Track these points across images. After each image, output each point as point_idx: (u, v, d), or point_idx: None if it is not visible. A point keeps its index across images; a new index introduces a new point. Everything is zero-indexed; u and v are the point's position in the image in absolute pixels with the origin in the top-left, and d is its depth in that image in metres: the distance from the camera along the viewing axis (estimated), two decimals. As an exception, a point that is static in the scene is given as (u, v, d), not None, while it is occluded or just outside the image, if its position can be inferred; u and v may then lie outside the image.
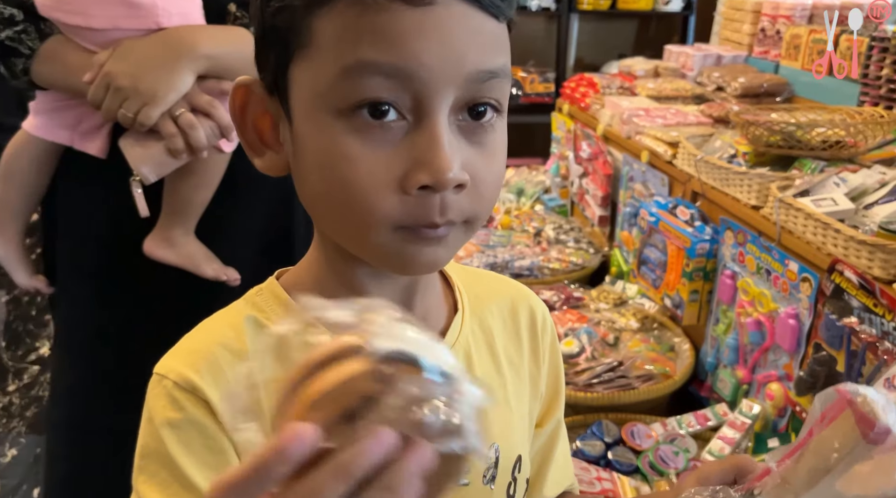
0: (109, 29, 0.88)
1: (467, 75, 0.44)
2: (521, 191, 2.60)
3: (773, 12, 2.18)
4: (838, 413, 0.48)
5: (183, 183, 0.95)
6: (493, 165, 0.47)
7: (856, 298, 1.16)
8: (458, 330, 0.56)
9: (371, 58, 0.42)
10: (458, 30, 0.43)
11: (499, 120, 0.47)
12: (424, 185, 0.43)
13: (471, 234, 0.49)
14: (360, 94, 0.43)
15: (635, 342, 1.69)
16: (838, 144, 1.47)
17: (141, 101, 0.85)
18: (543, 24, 3.60)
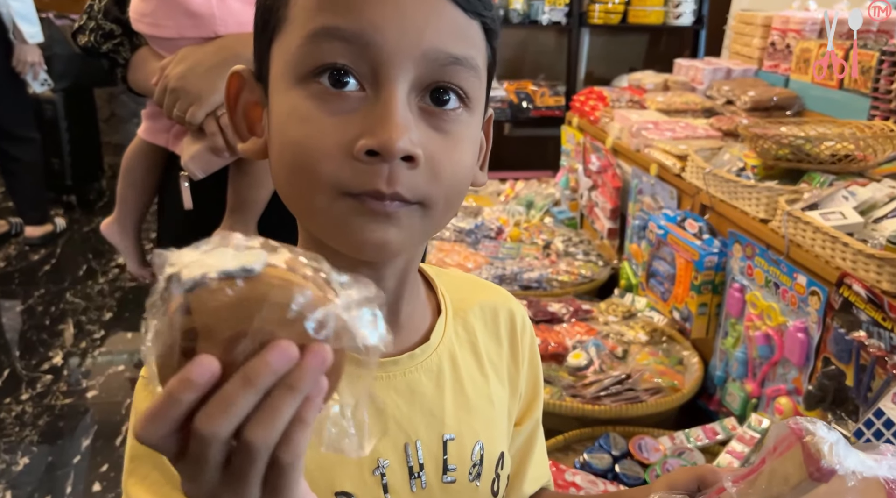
0: (177, 38, 0.97)
1: (425, 52, 0.45)
2: (530, 203, 2.61)
3: (783, 26, 2.18)
4: (789, 447, 0.49)
5: (239, 182, 1.02)
6: (453, 154, 0.47)
7: (864, 312, 1.15)
8: (442, 331, 0.57)
9: (332, 23, 0.44)
10: (420, 8, 0.44)
11: (467, 113, 0.48)
12: (371, 150, 0.43)
13: (431, 222, 0.48)
14: (319, 59, 0.44)
15: (644, 355, 1.69)
16: (847, 158, 1.47)
17: (189, 101, 0.93)
18: (554, 38, 3.62)
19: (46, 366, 2.48)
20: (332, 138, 0.44)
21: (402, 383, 0.54)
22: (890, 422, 0.99)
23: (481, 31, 0.48)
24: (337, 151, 0.44)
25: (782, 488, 0.49)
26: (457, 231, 2.33)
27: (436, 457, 0.55)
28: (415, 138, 0.44)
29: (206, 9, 0.95)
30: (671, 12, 3.38)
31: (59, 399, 2.29)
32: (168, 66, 0.95)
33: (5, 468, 1.98)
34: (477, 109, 0.49)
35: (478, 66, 0.48)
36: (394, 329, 0.53)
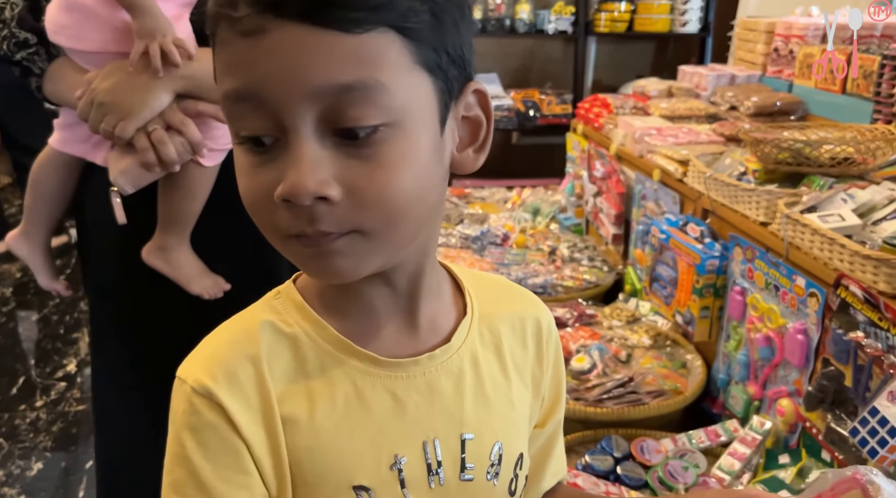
0: (101, 52, 0.95)
1: (315, 91, 0.44)
2: (536, 210, 2.63)
3: (786, 32, 2.19)
4: (847, 490, 0.53)
5: (171, 195, 1.01)
6: (379, 176, 0.46)
7: (861, 313, 1.16)
8: (465, 332, 0.59)
9: (230, 86, 0.46)
10: (292, 51, 0.44)
11: (394, 131, 0.46)
12: (284, 198, 0.45)
13: (378, 244, 0.48)
14: (236, 126, 0.47)
15: (647, 359, 1.70)
16: (847, 161, 1.48)
17: (118, 116, 0.92)
18: (561, 47, 3.65)
19: (60, 373, 2.52)
20: (261, 188, 0.47)
21: (422, 383, 0.55)
22: (884, 420, 1.00)
23: (390, 36, 0.45)
24: (266, 200, 0.46)
25: None
26: (463, 238, 2.35)
27: (454, 455, 0.56)
28: (325, 177, 0.45)
29: None
30: (677, 20, 3.40)
31: (72, 406, 2.33)
32: (95, 79, 0.93)
33: (20, 473, 2.01)
34: (410, 118, 0.47)
35: (379, 81, 0.45)
36: (412, 330, 0.57)
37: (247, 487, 0.50)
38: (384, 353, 0.55)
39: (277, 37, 0.44)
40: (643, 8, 3.39)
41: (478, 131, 0.54)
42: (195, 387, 0.50)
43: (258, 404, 0.51)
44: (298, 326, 0.54)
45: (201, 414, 0.50)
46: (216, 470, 0.50)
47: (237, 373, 0.51)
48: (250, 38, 0.44)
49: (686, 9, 3.37)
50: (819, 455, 1.27)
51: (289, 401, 0.52)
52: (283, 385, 0.52)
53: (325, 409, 0.53)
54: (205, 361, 0.52)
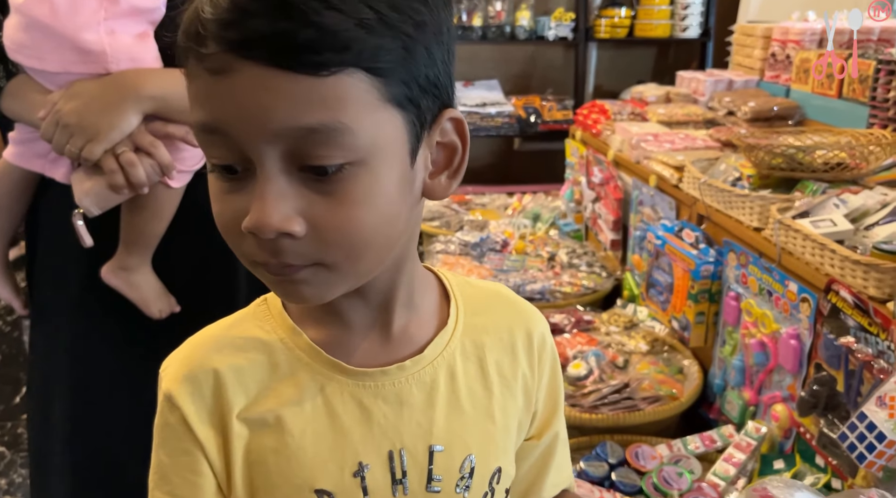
0: (62, 72, 0.93)
1: (277, 132, 0.44)
2: (537, 216, 2.63)
3: (783, 37, 2.19)
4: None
5: (136, 216, 1.00)
6: (343, 213, 0.46)
7: (851, 318, 1.16)
8: (442, 345, 0.59)
9: (198, 118, 0.47)
10: (255, 92, 0.44)
11: (358, 169, 0.46)
12: (250, 231, 0.46)
13: (342, 275, 0.49)
14: (209, 153, 0.48)
15: (644, 365, 1.70)
16: (840, 166, 1.48)
17: (85, 138, 0.90)
18: (561, 53, 3.66)
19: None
20: (231, 215, 0.48)
21: (390, 393, 0.56)
22: (872, 425, 1.00)
23: (358, 76, 0.44)
24: (235, 227, 0.47)
25: None
26: (462, 244, 2.36)
27: (421, 466, 0.57)
28: (289, 212, 0.45)
29: (97, 45, 0.90)
30: (678, 25, 3.40)
31: (76, 413, 2.35)
32: (59, 99, 0.91)
33: (22, 481, 2.03)
34: (377, 157, 0.47)
35: (343, 124, 0.44)
36: (385, 341, 0.57)
37: (199, 486, 0.54)
38: (355, 362, 0.56)
39: (242, 77, 0.44)
40: (643, 14, 3.39)
41: (452, 157, 0.53)
42: (164, 390, 0.55)
43: (215, 409, 0.54)
44: (275, 333, 0.56)
45: (165, 414, 0.55)
46: (174, 467, 0.54)
47: (199, 379, 0.54)
48: (217, 75, 0.44)
49: (686, 14, 3.37)
50: (813, 460, 1.27)
51: (260, 403, 0.54)
52: (256, 389, 0.55)
53: (292, 413, 0.54)
54: (178, 362, 0.56)
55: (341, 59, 0.43)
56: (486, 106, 3.31)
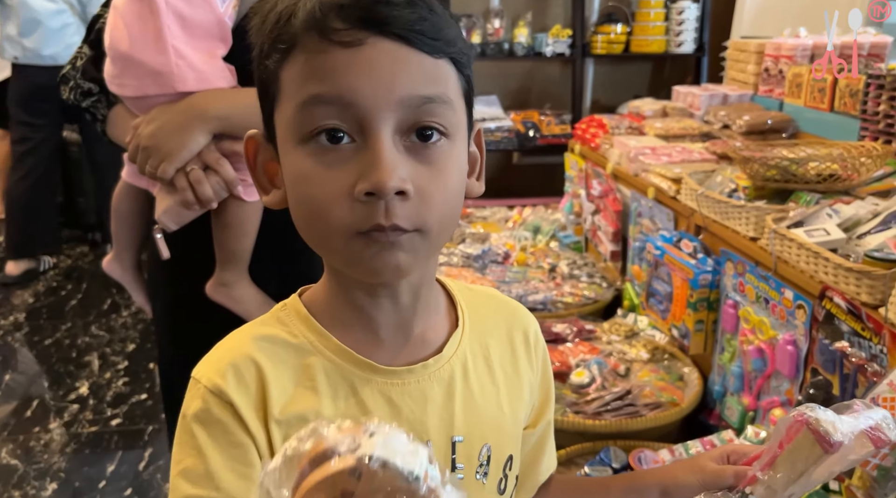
0: (141, 96, 1.02)
1: (400, 100, 0.52)
2: (537, 229, 2.68)
3: (776, 52, 2.25)
4: (797, 431, 0.61)
5: (222, 235, 1.08)
6: (440, 180, 0.54)
7: (845, 323, 1.21)
8: (456, 345, 0.64)
9: (317, 91, 0.52)
10: (387, 63, 0.51)
11: (448, 143, 0.55)
12: (368, 192, 0.51)
13: (430, 244, 0.55)
14: (313, 123, 0.52)
15: (645, 372, 1.74)
16: (832, 177, 1.53)
17: (159, 158, 0.98)
18: (559, 68, 3.73)
19: (73, 396, 2.57)
20: (335, 188, 0.52)
21: (415, 390, 0.60)
22: (866, 425, 1.04)
23: (451, 65, 0.55)
24: (341, 198, 0.52)
25: (806, 465, 0.60)
26: (464, 256, 2.41)
27: (445, 456, 0.61)
28: (403, 175, 0.52)
29: (164, 67, 0.98)
30: (673, 41, 3.48)
31: (85, 427, 2.38)
32: (140, 125, 1.00)
33: (35, 494, 2.06)
34: (458, 135, 0.56)
35: (450, 99, 0.54)
36: (406, 341, 0.62)
37: (251, 477, 0.55)
38: (382, 362, 0.60)
39: (374, 50, 0.51)
40: (639, 30, 3.47)
41: (475, 164, 0.62)
42: (208, 386, 0.56)
43: (260, 404, 0.56)
44: (304, 337, 0.60)
45: (213, 410, 0.56)
46: (225, 461, 0.55)
47: (244, 374, 0.57)
48: (348, 48, 0.51)
49: (681, 30, 3.45)
50: (811, 463, 1.31)
51: (298, 402, 0.57)
52: (292, 388, 0.58)
53: (328, 410, 0.58)
54: (216, 363, 0.58)
55: (446, 49, 0.54)
56: (485, 121, 3.37)
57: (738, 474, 0.65)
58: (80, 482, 2.12)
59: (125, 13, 0.99)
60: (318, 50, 0.52)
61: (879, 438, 0.59)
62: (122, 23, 0.99)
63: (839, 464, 0.61)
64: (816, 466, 0.60)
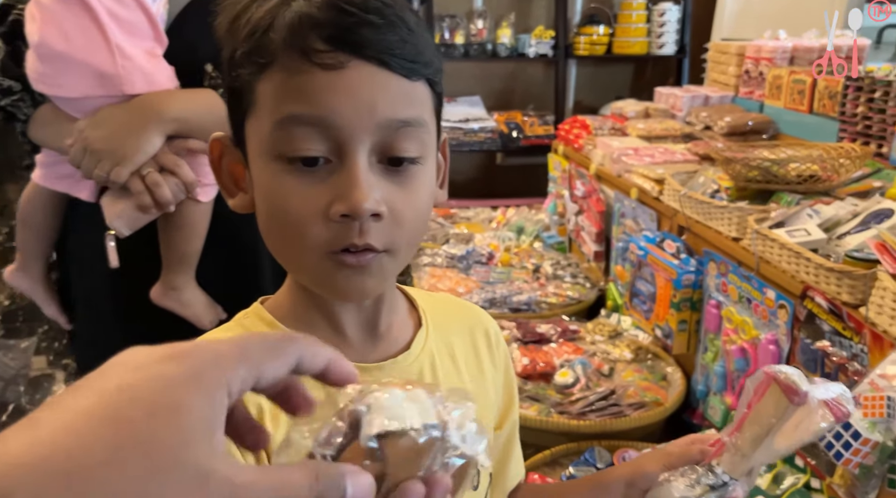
0: (81, 98, 0.97)
1: (378, 123, 0.52)
2: (521, 229, 2.68)
3: (756, 55, 2.28)
4: (766, 388, 0.61)
5: (172, 236, 1.04)
6: (411, 201, 0.55)
7: (826, 323, 1.22)
8: (422, 342, 0.65)
9: (296, 111, 0.52)
10: (367, 86, 0.51)
11: (420, 163, 0.55)
12: (344, 213, 0.51)
13: (398, 263, 0.56)
14: (293, 144, 0.52)
15: (629, 372, 1.74)
16: (812, 178, 1.55)
17: (112, 162, 0.94)
18: (542, 70, 3.73)
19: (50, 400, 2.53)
20: (311, 208, 0.52)
21: None
22: (848, 424, 1.05)
23: (426, 86, 0.55)
24: (315, 217, 0.52)
25: (770, 421, 0.61)
26: (448, 257, 2.40)
27: None
28: (378, 197, 0.52)
29: (111, 68, 0.93)
30: (654, 42, 3.50)
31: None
32: (86, 127, 0.95)
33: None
34: (429, 155, 0.56)
35: (425, 121, 0.55)
36: (374, 340, 0.62)
37: None
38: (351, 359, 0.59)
39: (356, 73, 0.51)
40: (621, 31, 3.49)
41: (439, 172, 0.63)
42: None
43: None
44: None
45: None
46: None
47: None
48: (329, 71, 0.51)
49: (662, 31, 3.47)
50: (793, 461, 1.32)
51: None
52: None
53: None
54: None
55: (422, 71, 0.54)
56: (468, 121, 3.37)
57: (704, 452, 0.65)
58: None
59: (54, 10, 0.93)
60: (298, 70, 0.51)
61: (839, 410, 0.60)
62: (52, 19, 0.93)
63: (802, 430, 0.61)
64: (783, 422, 0.61)
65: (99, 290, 1.11)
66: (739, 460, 0.62)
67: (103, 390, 0.30)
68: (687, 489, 0.63)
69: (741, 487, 0.63)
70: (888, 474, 1.04)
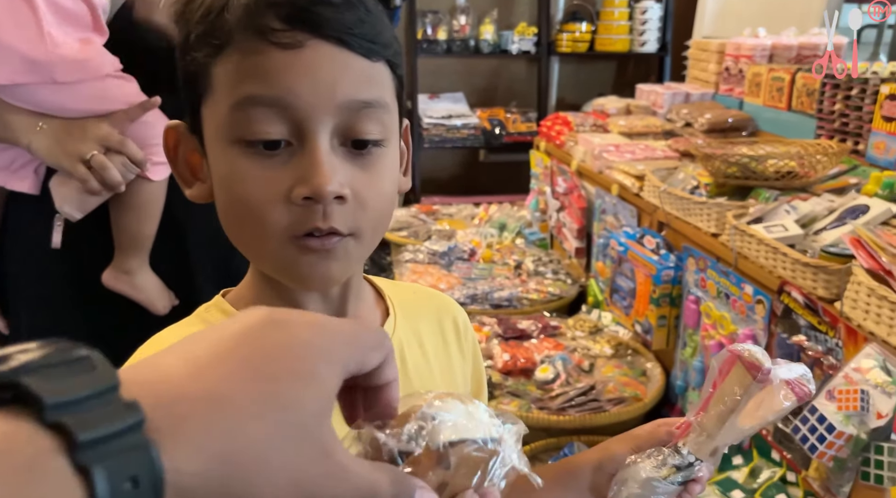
0: (10, 85, 0.93)
1: (339, 104, 0.51)
2: (503, 226, 2.68)
3: (736, 52, 2.29)
4: (731, 366, 0.62)
5: (125, 218, 1.01)
6: (375, 185, 0.54)
7: (802, 317, 1.23)
8: (391, 331, 0.64)
9: (253, 92, 0.50)
10: (327, 66, 0.50)
11: (383, 146, 0.54)
12: (306, 196, 0.50)
13: (363, 248, 0.55)
14: (251, 126, 0.50)
15: (609, 368, 1.75)
16: (790, 175, 1.56)
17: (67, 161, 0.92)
18: (525, 66, 3.74)
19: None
20: (272, 192, 0.51)
21: None
22: (823, 417, 1.06)
23: (386, 68, 0.54)
24: (277, 201, 0.51)
25: (734, 399, 0.61)
26: (430, 253, 2.40)
27: None
28: (342, 179, 0.51)
29: (42, 56, 0.91)
30: (636, 40, 3.51)
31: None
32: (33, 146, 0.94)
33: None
34: (392, 138, 0.55)
35: (387, 103, 0.54)
36: None
37: None
38: None
39: (314, 53, 0.50)
40: (603, 28, 3.50)
41: (402, 159, 0.62)
42: None
43: None
44: None
45: None
46: None
47: None
48: (287, 50, 0.49)
49: (644, 29, 3.48)
50: (769, 455, 1.33)
51: None
52: None
53: None
54: None
55: (382, 52, 0.53)
56: (451, 118, 3.37)
57: (671, 433, 0.65)
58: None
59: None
60: (254, 50, 0.50)
61: (801, 389, 0.61)
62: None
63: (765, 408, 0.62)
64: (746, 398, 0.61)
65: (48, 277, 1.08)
66: (704, 440, 0.63)
67: (248, 338, 0.31)
68: (654, 470, 0.63)
69: (706, 467, 0.63)
70: (861, 467, 1.05)
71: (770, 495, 1.28)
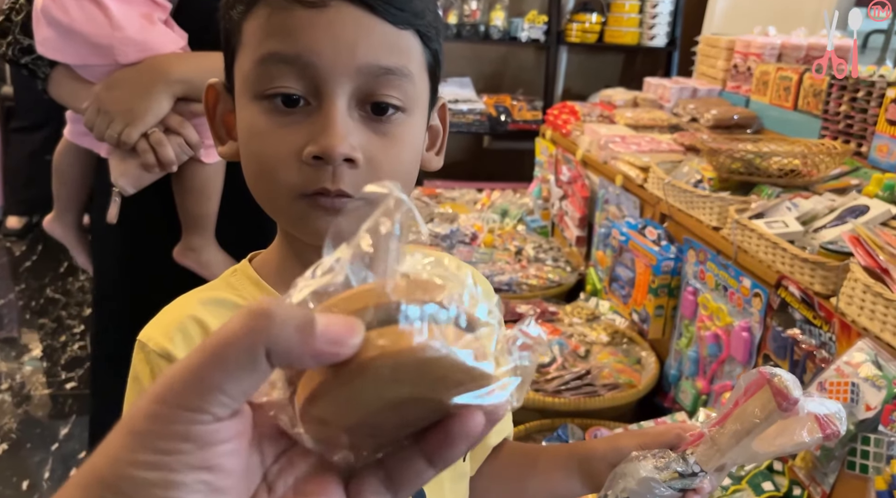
0: (81, 65, 1.02)
1: (359, 68, 0.51)
2: (505, 212, 2.71)
3: (745, 50, 2.31)
4: (758, 388, 0.60)
5: (185, 199, 1.07)
6: (392, 152, 0.54)
7: (798, 311, 1.26)
8: None
9: (276, 49, 0.51)
10: (349, 27, 0.51)
11: (404, 115, 0.54)
12: (316, 155, 0.51)
13: None
14: (271, 82, 0.52)
15: (604, 355, 1.78)
16: (793, 173, 1.58)
17: (123, 122, 0.97)
18: (533, 55, 3.74)
19: (26, 358, 2.52)
20: (285, 148, 0.52)
21: None
22: (813, 407, 1.09)
23: (416, 38, 0.54)
24: (289, 159, 0.52)
25: (753, 421, 0.59)
26: (432, 236, 2.42)
27: None
28: (354, 142, 0.51)
29: (104, 40, 0.97)
30: (645, 34, 3.52)
31: (38, 390, 2.34)
32: (100, 89, 0.99)
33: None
34: (416, 109, 0.55)
35: (410, 72, 0.53)
36: None
37: None
38: None
39: (338, 13, 0.50)
40: (613, 20, 3.50)
41: (437, 138, 0.62)
42: (156, 349, 0.56)
43: None
44: (253, 299, 0.59)
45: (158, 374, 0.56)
46: None
47: (191, 335, 0.56)
48: (311, 9, 0.50)
49: (654, 23, 3.49)
50: (758, 444, 1.37)
51: None
52: None
53: None
54: (164, 326, 0.57)
55: (412, 21, 0.53)
56: (458, 102, 3.37)
57: (681, 437, 0.64)
58: (32, 444, 2.09)
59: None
60: (280, 7, 0.51)
61: (830, 427, 0.59)
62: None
63: (785, 437, 0.61)
64: (766, 424, 0.59)
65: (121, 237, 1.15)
66: (714, 454, 0.62)
67: None
68: (654, 470, 0.63)
69: (710, 481, 0.62)
70: (848, 457, 1.08)
71: (756, 483, 1.31)
